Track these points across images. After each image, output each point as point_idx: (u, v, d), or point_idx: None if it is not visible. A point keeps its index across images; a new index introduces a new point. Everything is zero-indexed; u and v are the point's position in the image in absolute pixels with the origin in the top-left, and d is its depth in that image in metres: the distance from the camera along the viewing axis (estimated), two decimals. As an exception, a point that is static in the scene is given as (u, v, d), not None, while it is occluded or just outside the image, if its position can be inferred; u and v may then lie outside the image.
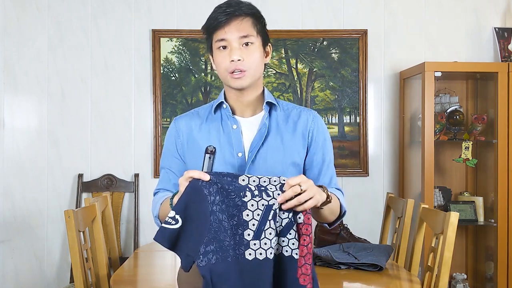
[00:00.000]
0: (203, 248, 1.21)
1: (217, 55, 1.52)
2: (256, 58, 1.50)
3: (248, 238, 1.24)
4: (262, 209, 1.24)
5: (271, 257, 1.23)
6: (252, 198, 1.25)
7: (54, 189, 3.42)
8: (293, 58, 3.45)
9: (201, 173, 1.26)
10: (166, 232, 1.23)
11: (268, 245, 1.23)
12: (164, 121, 3.42)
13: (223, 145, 1.53)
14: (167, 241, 1.24)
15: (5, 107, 3.41)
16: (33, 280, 3.43)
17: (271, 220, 1.24)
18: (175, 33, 3.43)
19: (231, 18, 1.48)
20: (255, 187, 1.26)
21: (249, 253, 1.23)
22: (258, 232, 1.24)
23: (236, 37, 1.48)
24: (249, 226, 1.24)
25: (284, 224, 1.25)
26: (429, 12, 3.53)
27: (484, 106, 3.40)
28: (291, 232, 1.25)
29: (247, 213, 1.24)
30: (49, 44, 3.43)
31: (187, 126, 1.60)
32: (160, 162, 1.67)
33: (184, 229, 1.24)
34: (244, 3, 1.50)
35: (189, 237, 1.23)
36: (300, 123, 1.59)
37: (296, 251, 1.24)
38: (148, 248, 2.57)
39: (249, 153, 1.53)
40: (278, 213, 1.25)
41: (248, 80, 1.51)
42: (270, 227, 1.24)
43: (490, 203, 3.30)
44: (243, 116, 1.59)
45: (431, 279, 1.95)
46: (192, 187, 1.25)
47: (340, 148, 3.45)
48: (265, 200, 1.25)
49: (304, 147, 1.59)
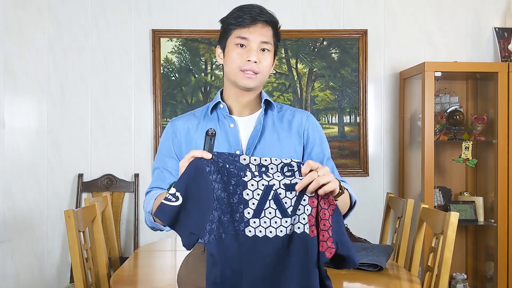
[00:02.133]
0: (209, 226, 1.22)
1: (232, 50, 1.54)
2: (269, 64, 1.56)
3: (248, 216, 1.26)
4: (262, 189, 1.26)
5: (270, 236, 1.25)
6: (252, 178, 1.27)
7: (54, 189, 3.42)
8: (293, 58, 3.45)
9: (203, 152, 1.27)
10: (166, 208, 1.23)
11: (268, 223, 1.25)
12: (164, 121, 3.42)
13: (220, 143, 1.54)
14: (167, 218, 1.23)
15: (5, 107, 3.41)
16: (33, 280, 3.43)
17: (271, 200, 1.26)
18: (175, 33, 3.43)
19: (257, 21, 1.52)
20: (255, 167, 1.28)
21: (249, 230, 1.25)
22: (257, 211, 1.26)
23: (258, 40, 1.52)
24: (249, 205, 1.26)
25: (294, 203, 1.26)
26: (429, 12, 3.53)
27: (484, 106, 3.40)
28: (300, 208, 1.26)
29: (247, 193, 1.26)
30: (49, 44, 3.43)
31: (184, 126, 1.61)
32: (153, 164, 1.67)
33: (185, 206, 1.23)
34: (268, 12, 1.55)
35: (191, 215, 1.23)
36: (295, 122, 1.62)
37: (307, 226, 1.25)
38: (148, 248, 2.57)
39: (246, 150, 1.55)
40: (286, 194, 1.26)
41: (256, 83, 1.55)
42: (270, 206, 1.26)
43: (490, 203, 3.29)
44: (240, 115, 1.61)
45: (431, 279, 1.95)
46: (193, 166, 1.25)
47: (340, 148, 3.45)
48: (265, 180, 1.27)
49: (300, 144, 1.60)
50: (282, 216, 1.26)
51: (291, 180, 1.27)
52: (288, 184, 1.27)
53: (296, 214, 1.26)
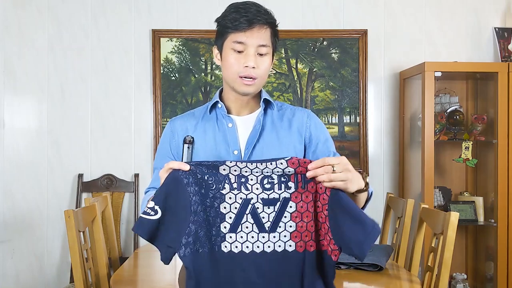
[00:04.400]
0: (185, 239, 1.21)
1: (230, 56, 1.50)
2: (267, 67, 1.52)
3: (224, 231, 1.24)
4: (240, 202, 1.25)
5: (247, 251, 1.24)
6: (231, 191, 1.25)
7: (54, 189, 3.42)
8: (293, 58, 3.45)
9: (181, 164, 1.25)
10: (145, 223, 1.21)
11: (244, 238, 1.24)
12: (164, 121, 3.41)
13: (218, 143, 1.54)
14: (146, 233, 1.21)
15: (5, 107, 3.41)
16: (33, 280, 3.43)
17: (248, 214, 1.24)
18: (175, 33, 3.43)
19: (254, 24, 1.47)
20: (235, 178, 1.25)
21: (225, 245, 1.24)
22: (234, 225, 1.24)
23: (255, 44, 1.48)
24: (226, 218, 1.24)
25: (272, 219, 1.25)
26: (429, 12, 3.53)
27: (484, 106, 3.40)
28: (281, 225, 1.24)
29: (224, 206, 1.25)
30: (49, 44, 3.43)
31: (182, 127, 1.61)
32: (153, 163, 1.67)
33: (164, 220, 1.21)
34: (264, 11, 1.50)
35: (169, 228, 1.21)
36: (295, 120, 1.61)
37: (289, 243, 1.24)
38: (148, 248, 2.57)
39: (245, 150, 1.54)
40: (263, 209, 1.24)
41: (256, 88, 1.53)
42: (247, 221, 1.24)
43: (490, 203, 3.29)
44: (239, 115, 1.60)
45: (431, 279, 1.95)
46: (172, 178, 1.23)
47: (340, 148, 3.45)
48: (243, 193, 1.25)
49: (300, 143, 1.59)
50: (259, 231, 1.24)
51: (269, 195, 1.25)
52: (265, 199, 1.25)
53: (276, 232, 1.24)
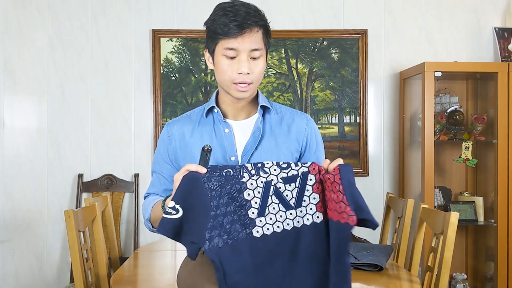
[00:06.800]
0: (208, 234, 1.22)
1: (222, 62, 1.47)
2: (261, 70, 1.49)
3: (252, 217, 1.27)
4: (262, 186, 1.28)
5: (278, 231, 1.27)
6: (250, 178, 1.28)
7: (54, 189, 3.42)
8: (293, 58, 3.45)
9: (198, 166, 1.27)
10: (168, 222, 1.23)
11: (274, 219, 1.27)
12: (164, 121, 3.41)
13: (215, 149, 1.52)
14: (170, 231, 1.23)
15: (5, 107, 3.41)
16: (33, 280, 3.43)
17: (272, 195, 1.28)
18: (175, 33, 3.43)
19: (245, 29, 1.43)
20: (251, 166, 1.29)
21: (256, 230, 1.27)
22: (261, 209, 1.27)
23: (248, 49, 1.44)
24: (252, 204, 1.28)
25: (296, 195, 1.28)
26: (429, 12, 3.53)
27: (484, 106, 3.40)
28: (305, 199, 1.28)
29: (248, 193, 1.28)
30: (49, 44, 3.43)
31: (179, 131, 1.59)
32: (152, 166, 1.66)
33: (186, 217, 1.24)
34: (252, 9, 1.45)
35: (191, 225, 1.24)
36: (294, 127, 1.59)
37: (317, 214, 1.27)
38: (148, 248, 2.57)
39: (242, 157, 1.52)
40: (285, 187, 1.28)
41: (251, 92, 1.51)
42: (272, 202, 1.28)
43: (490, 203, 3.29)
44: (235, 119, 1.57)
45: (431, 279, 1.95)
46: (189, 178, 1.25)
47: (340, 148, 3.45)
48: (263, 177, 1.28)
49: (297, 151, 1.58)
50: (286, 209, 1.28)
51: (287, 173, 1.29)
52: (285, 177, 1.29)
53: (302, 206, 1.28)
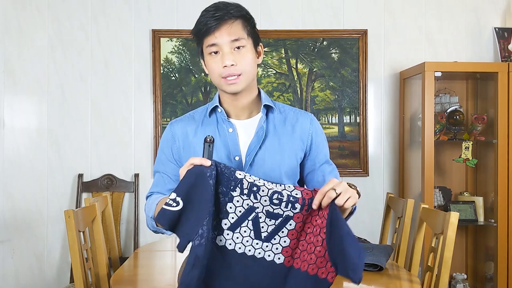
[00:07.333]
0: (201, 229, 1.23)
1: (209, 61, 1.50)
2: (249, 61, 1.49)
3: (224, 227, 1.29)
4: (246, 208, 1.29)
5: (238, 252, 1.28)
6: (240, 195, 1.28)
7: (54, 189, 3.42)
8: (293, 58, 3.45)
9: (202, 159, 1.27)
10: (166, 213, 1.24)
11: (240, 240, 1.29)
12: (164, 121, 3.41)
13: (219, 149, 1.52)
14: (167, 222, 1.24)
15: (5, 107, 3.41)
16: (33, 280, 3.43)
17: (249, 220, 1.29)
18: (175, 33, 3.43)
19: (220, 22, 1.44)
20: (247, 185, 1.28)
21: (220, 239, 1.29)
22: (234, 226, 1.29)
23: (227, 41, 1.45)
24: (228, 217, 1.29)
25: (270, 231, 1.29)
26: (429, 12, 3.53)
27: (484, 106, 3.40)
28: (276, 237, 1.29)
29: (230, 206, 1.29)
30: (49, 44, 3.43)
31: (182, 131, 1.59)
32: (154, 166, 1.66)
33: (185, 211, 1.24)
34: (232, 5, 1.47)
35: (189, 219, 1.25)
36: (298, 126, 1.59)
37: (279, 256, 1.29)
38: (148, 248, 2.57)
39: (246, 157, 1.52)
40: (265, 220, 1.29)
41: (243, 84, 1.50)
42: (247, 226, 1.29)
43: (490, 203, 3.29)
44: (238, 119, 1.57)
45: (431, 279, 1.95)
46: (194, 171, 1.26)
47: (340, 148, 3.45)
48: (251, 201, 1.29)
49: (302, 150, 1.58)
50: (255, 237, 1.29)
51: (274, 209, 1.28)
52: (270, 212, 1.29)
53: (270, 242, 1.29)
